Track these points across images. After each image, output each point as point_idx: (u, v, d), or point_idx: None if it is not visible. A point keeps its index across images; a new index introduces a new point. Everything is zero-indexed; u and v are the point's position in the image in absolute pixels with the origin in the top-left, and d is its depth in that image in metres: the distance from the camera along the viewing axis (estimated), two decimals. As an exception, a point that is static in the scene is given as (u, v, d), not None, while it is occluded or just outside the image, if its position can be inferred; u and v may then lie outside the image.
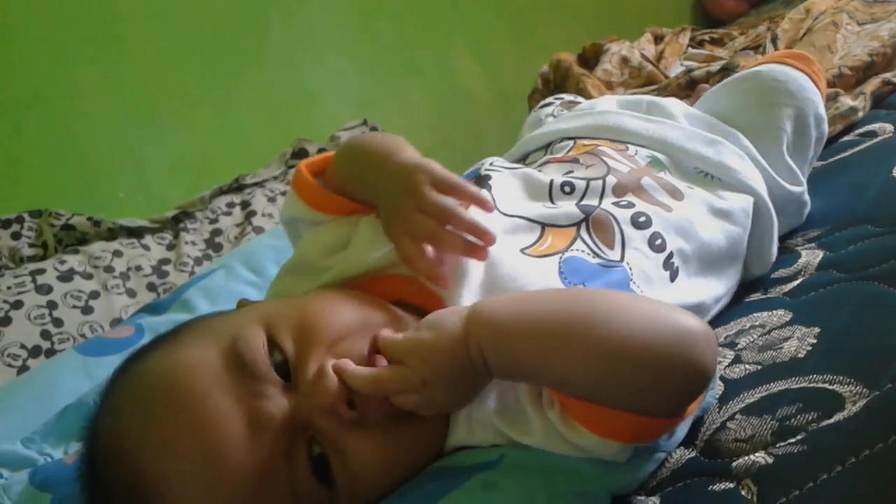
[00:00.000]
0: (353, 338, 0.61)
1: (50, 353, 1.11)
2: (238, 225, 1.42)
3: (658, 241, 0.73)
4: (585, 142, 0.86)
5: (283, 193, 1.50)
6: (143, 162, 1.59)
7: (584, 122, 0.91)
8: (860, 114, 1.12)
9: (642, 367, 0.54)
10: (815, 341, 0.64)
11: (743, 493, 0.52)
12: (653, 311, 0.57)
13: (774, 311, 0.72)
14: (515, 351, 0.57)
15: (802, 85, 0.92)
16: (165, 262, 1.32)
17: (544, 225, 0.72)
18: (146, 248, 1.34)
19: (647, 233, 0.73)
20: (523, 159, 0.93)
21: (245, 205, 1.46)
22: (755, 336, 0.70)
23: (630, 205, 0.75)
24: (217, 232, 1.40)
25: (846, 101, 1.12)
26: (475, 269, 0.67)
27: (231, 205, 1.47)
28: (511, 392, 0.61)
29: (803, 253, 0.83)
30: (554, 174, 0.79)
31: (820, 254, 0.81)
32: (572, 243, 0.70)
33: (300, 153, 1.64)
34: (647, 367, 0.54)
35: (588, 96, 1.44)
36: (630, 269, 0.70)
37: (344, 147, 0.79)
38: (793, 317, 0.70)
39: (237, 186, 1.53)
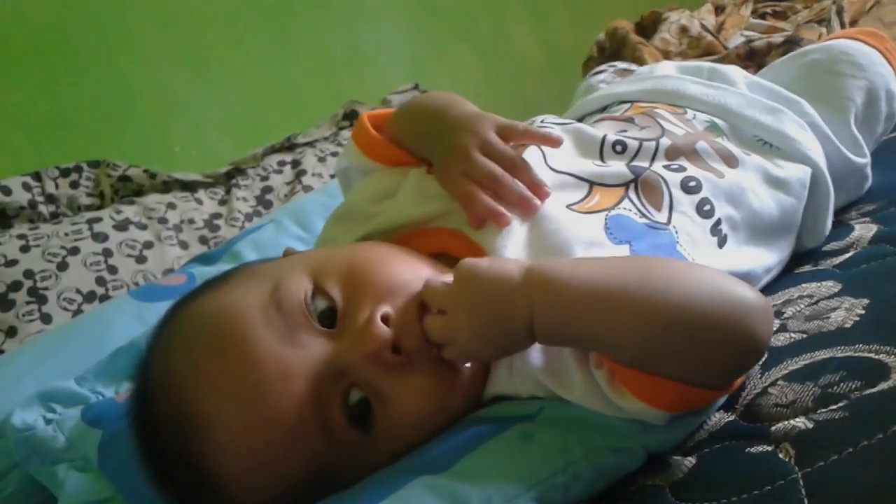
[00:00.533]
0: (401, 289, 0.61)
1: (104, 298, 1.15)
2: (288, 183, 1.44)
3: (706, 207, 0.72)
4: (643, 104, 0.85)
5: (334, 154, 1.51)
6: (198, 117, 1.62)
7: (642, 86, 0.90)
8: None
9: (697, 338, 0.54)
10: (863, 312, 0.63)
11: (780, 455, 0.52)
12: (710, 280, 0.56)
13: (823, 283, 0.71)
14: (569, 311, 0.56)
15: (873, 60, 0.90)
16: (217, 216, 1.35)
17: (592, 183, 0.71)
18: (199, 201, 1.36)
19: (696, 198, 0.72)
20: (578, 121, 0.92)
21: (296, 164, 1.48)
22: (802, 306, 0.69)
23: (681, 168, 0.74)
24: (268, 189, 1.42)
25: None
26: (518, 223, 0.67)
27: (282, 163, 1.49)
28: (554, 347, 0.61)
29: (857, 226, 0.82)
30: (607, 130, 0.77)
31: (874, 228, 0.79)
32: (620, 202, 0.70)
33: (351, 115, 1.64)
34: (702, 338, 0.54)
35: (644, 64, 1.42)
36: (676, 232, 0.69)
37: (406, 103, 0.81)
38: (842, 288, 0.69)
39: (289, 145, 1.54)
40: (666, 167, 0.73)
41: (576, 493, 0.57)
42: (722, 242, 0.72)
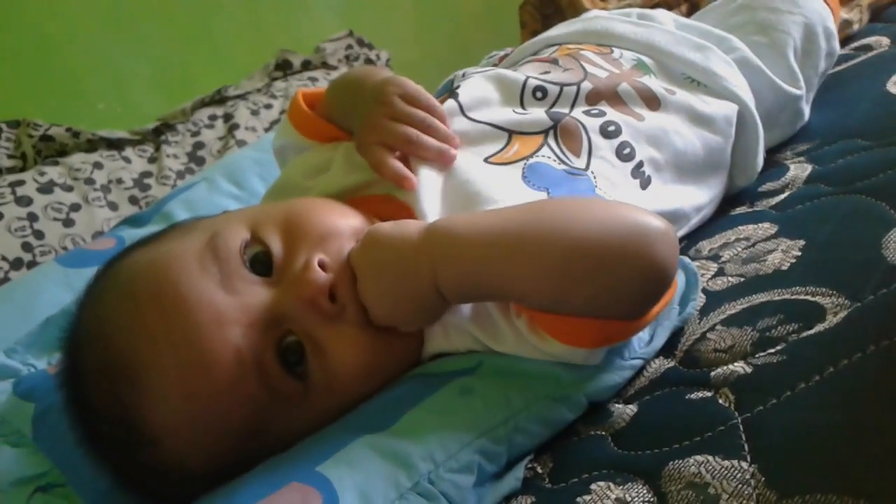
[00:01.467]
0: (336, 235, 0.61)
1: (32, 265, 1.11)
2: (220, 138, 1.40)
3: (626, 151, 0.72)
4: (570, 46, 0.85)
5: (267, 106, 1.47)
6: (123, 72, 1.56)
7: (572, 28, 0.90)
8: (856, 27, 1.09)
9: (598, 269, 0.54)
10: (799, 254, 0.63)
11: (720, 401, 0.53)
12: (607, 210, 0.57)
13: (760, 224, 0.72)
14: (468, 262, 0.56)
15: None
16: (147, 174, 1.30)
17: (511, 132, 0.71)
18: (127, 160, 1.31)
19: (615, 142, 0.72)
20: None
21: (228, 117, 1.44)
22: (739, 249, 0.69)
23: (601, 114, 0.74)
24: (199, 145, 1.38)
25: (841, 14, 1.10)
26: (435, 180, 0.67)
27: (213, 117, 1.44)
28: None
29: (791, 166, 0.82)
30: (529, 73, 0.78)
31: (808, 167, 0.80)
32: (538, 150, 0.70)
33: (284, 65, 1.60)
34: (604, 269, 0.53)
35: (582, 9, 1.40)
36: (595, 177, 0.70)
37: (335, 79, 0.81)
38: (778, 229, 0.69)
39: (219, 98, 1.49)
40: (586, 112, 0.74)
41: (519, 444, 0.57)
42: (645, 184, 0.73)
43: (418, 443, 0.54)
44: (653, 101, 0.77)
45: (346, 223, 0.63)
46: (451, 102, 0.73)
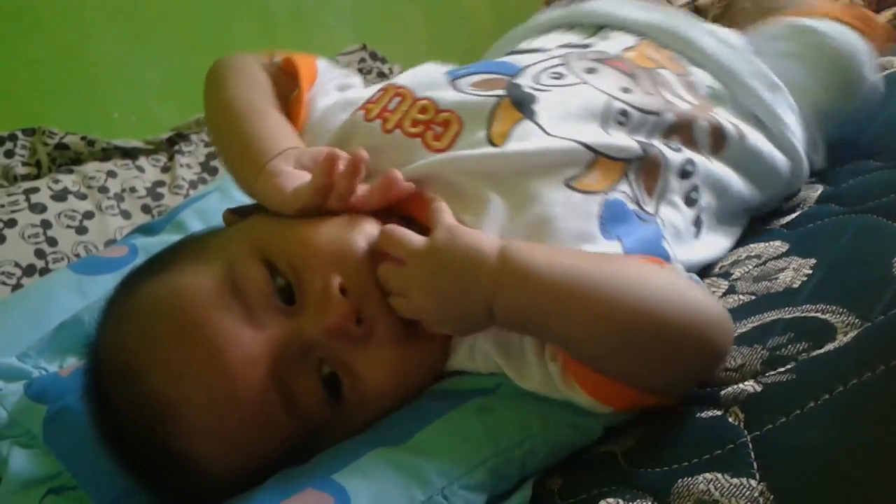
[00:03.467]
0: (353, 255, 0.59)
1: (44, 271, 1.12)
2: (234, 148, 1.41)
3: (693, 195, 0.69)
4: (646, 48, 0.78)
5: (280, 117, 1.48)
6: (138, 82, 1.57)
7: (649, 18, 0.81)
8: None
9: (656, 344, 0.53)
10: (810, 272, 0.64)
11: (730, 419, 0.53)
12: (679, 288, 0.56)
13: (771, 242, 0.72)
14: (532, 295, 0.54)
15: (864, 60, 0.83)
16: (160, 184, 1.31)
17: (598, 153, 0.64)
18: (140, 169, 1.32)
19: (687, 184, 0.68)
20: (570, 27, 0.86)
21: (241, 128, 1.44)
22: (750, 266, 0.70)
23: (678, 150, 0.68)
24: (212, 155, 1.39)
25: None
26: (503, 204, 0.62)
27: (227, 128, 1.45)
28: (515, 337, 0.60)
29: (803, 187, 0.82)
30: (610, 86, 0.69)
31: (819, 187, 0.80)
32: (618, 183, 0.64)
33: (297, 77, 1.61)
34: (662, 345, 0.53)
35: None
36: (662, 224, 0.66)
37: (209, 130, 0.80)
38: (789, 248, 0.69)
39: (233, 109, 1.50)
40: (666, 145, 0.68)
41: (532, 466, 0.58)
42: (698, 232, 0.70)
43: (434, 458, 0.54)
44: (719, 143, 0.72)
45: (359, 235, 0.60)
46: (528, 125, 0.65)
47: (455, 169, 0.64)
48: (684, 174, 0.68)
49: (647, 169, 0.65)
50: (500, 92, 0.67)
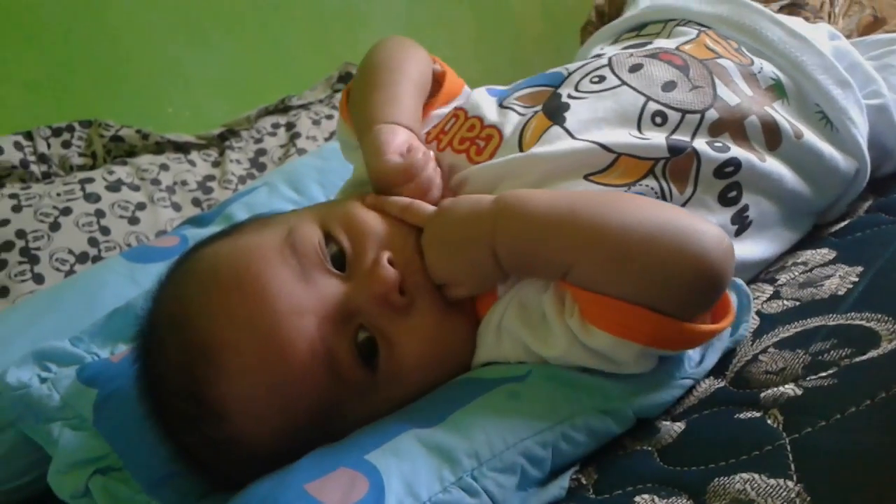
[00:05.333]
0: (400, 235, 0.64)
1: (96, 259, 1.15)
2: (282, 146, 1.43)
3: (732, 194, 0.68)
4: (710, 39, 0.77)
5: (328, 117, 1.50)
6: (192, 78, 1.60)
7: (717, 10, 0.81)
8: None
9: (651, 252, 0.55)
10: (856, 280, 0.63)
11: (769, 421, 0.52)
12: (671, 210, 0.60)
13: (818, 250, 0.71)
14: (529, 228, 0.59)
15: None
16: (210, 178, 1.34)
17: (620, 154, 0.66)
18: (192, 163, 1.35)
19: (723, 183, 0.67)
20: (640, 28, 0.86)
21: (290, 126, 1.47)
22: (796, 273, 0.69)
23: (724, 148, 0.68)
24: (261, 152, 1.42)
25: None
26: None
27: (276, 125, 1.48)
28: (536, 303, 0.62)
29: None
30: (650, 85, 0.70)
31: (870, 197, 0.79)
32: (642, 178, 0.66)
33: (346, 77, 1.63)
34: (656, 253, 0.55)
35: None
36: None
37: (358, 72, 0.82)
38: (836, 255, 0.69)
39: (283, 108, 1.53)
40: (709, 144, 0.68)
41: (563, 452, 0.58)
42: (742, 230, 0.69)
43: (464, 440, 0.55)
44: (775, 139, 0.71)
45: (404, 223, 0.66)
46: (556, 130, 0.68)
47: (484, 175, 0.69)
48: (721, 174, 0.67)
49: (677, 167, 0.66)
50: (539, 106, 0.72)
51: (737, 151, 0.68)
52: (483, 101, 0.75)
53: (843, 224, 0.76)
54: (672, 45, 0.77)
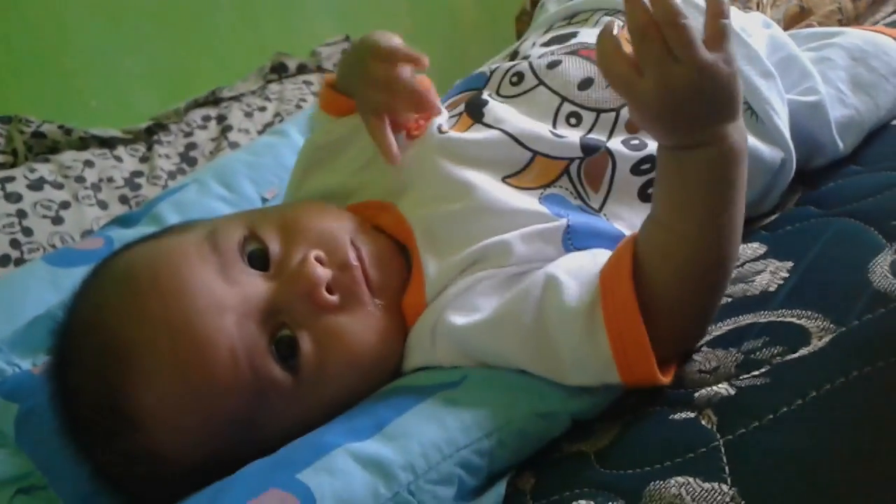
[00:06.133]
0: (332, 236, 0.64)
1: (19, 262, 1.10)
2: (213, 139, 1.40)
3: (650, 191, 0.66)
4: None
5: (261, 108, 1.47)
6: (117, 70, 1.56)
7: None
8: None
9: (720, 291, 0.58)
10: (787, 275, 0.64)
11: (703, 422, 0.53)
12: None
13: (749, 244, 0.72)
14: (737, 172, 0.57)
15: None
16: (138, 174, 1.30)
17: (536, 153, 0.68)
18: (118, 159, 1.31)
19: (643, 179, 0.67)
20: (571, 17, 0.85)
21: (221, 119, 1.43)
22: (728, 268, 0.70)
23: (641, 146, 0.68)
24: (192, 146, 1.38)
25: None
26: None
27: (207, 118, 1.44)
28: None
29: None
30: (566, 84, 0.71)
31: (799, 190, 0.80)
32: (557, 179, 0.67)
33: (279, 68, 1.60)
34: (720, 292, 0.58)
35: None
36: (607, 219, 0.67)
37: (347, 50, 0.83)
38: (767, 250, 0.69)
39: (213, 100, 1.49)
40: (625, 143, 0.68)
41: (501, 459, 0.57)
42: None
43: (399, 453, 0.54)
44: None
45: (342, 226, 0.66)
46: (477, 126, 0.70)
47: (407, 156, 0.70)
48: (638, 172, 0.67)
49: (592, 168, 0.67)
50: (461, 108, 0.73)
51: (653, 147, 0.67)
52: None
53: (773, 217, 0.77)
54: (592, 39, 0.76)
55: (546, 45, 0.78)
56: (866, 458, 0.46)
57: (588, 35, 0.78)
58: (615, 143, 0.68)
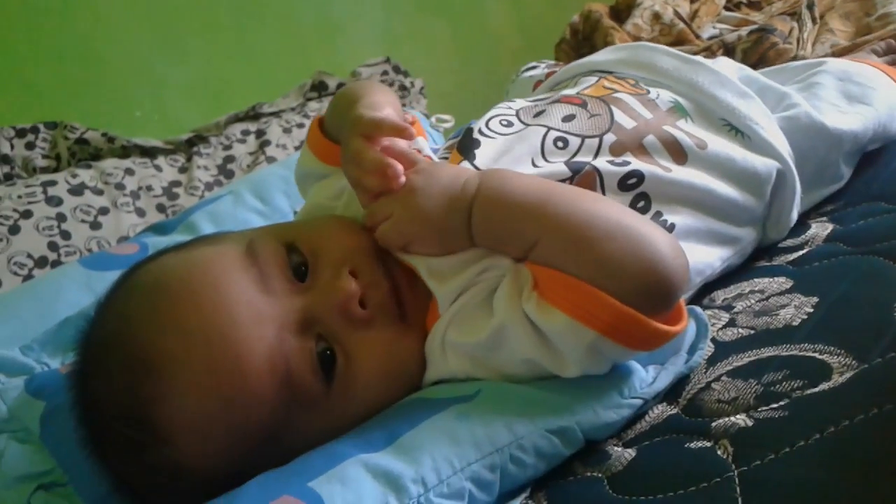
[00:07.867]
0: (363, 250, 0.65)
1: (56, 264, 1.13)
2: (251, 153, 1.42)
3: (641, 204, 0.70)
4: (608, 81, 0.82)
5: (299, 125, 1.49)
6: (162, 82, 1.59)
7: (617, 56, 0.87)
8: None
9: (611, 243, 0.57)
10: (811, 310, 0.63)
11: (719, 452, 0.52)
12: (634, 216, 0.63)
13: (776, 278, 0.71)
14: (509, 204, 0.62)
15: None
16: (176, 184, 1.32)
17: None
18: (158, 168, 1.34)
19: (630, 195, 0.70)
20: (554, 86, 0.91)
21: (260, 133, 1.46)
22: (753, 301, 0.69)
23: (624, 164, 0.71)
24: (230, 159, 1.40)
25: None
26: None
27: (246, 132, 1.46)
28: (484, 305, 0.63)
29: (813, 224, 0.82)
30: (552, 120, 0.75)
31: (830, 226, 0.80)
32: None
33: (320, 86, 1.62)
34: (616, 245, 0.57)
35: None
36: None
37: (335, 96, 0.81)
38: (793, 285, 0.69)
39: (254, 115, 1.52)
40: (610, 162, 0.71)
41: (512, 475, 0.57)
42: None
43: (411, 465, 0.55)
44: (679, 155, 0.74)
45: (373, 243, 0.66)
46: (466, 165, 0.71)
47: None
48: (625, 186, 0.70)
49: (580, 184, 0.69)
50: (453, 141, 0.76)
51: (638, 164, 0.71)
52: (425, 147, 0.75)
53: (801, 253, 0.76)
54: (574, 91, 0.82)
55: (532, 100, 0.81)
56: (880, 497, 0.45)
57: (568, 91, 0.82)
58: (600, 162, 0.70)
